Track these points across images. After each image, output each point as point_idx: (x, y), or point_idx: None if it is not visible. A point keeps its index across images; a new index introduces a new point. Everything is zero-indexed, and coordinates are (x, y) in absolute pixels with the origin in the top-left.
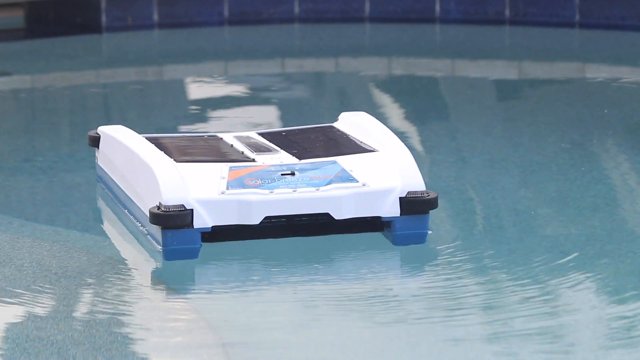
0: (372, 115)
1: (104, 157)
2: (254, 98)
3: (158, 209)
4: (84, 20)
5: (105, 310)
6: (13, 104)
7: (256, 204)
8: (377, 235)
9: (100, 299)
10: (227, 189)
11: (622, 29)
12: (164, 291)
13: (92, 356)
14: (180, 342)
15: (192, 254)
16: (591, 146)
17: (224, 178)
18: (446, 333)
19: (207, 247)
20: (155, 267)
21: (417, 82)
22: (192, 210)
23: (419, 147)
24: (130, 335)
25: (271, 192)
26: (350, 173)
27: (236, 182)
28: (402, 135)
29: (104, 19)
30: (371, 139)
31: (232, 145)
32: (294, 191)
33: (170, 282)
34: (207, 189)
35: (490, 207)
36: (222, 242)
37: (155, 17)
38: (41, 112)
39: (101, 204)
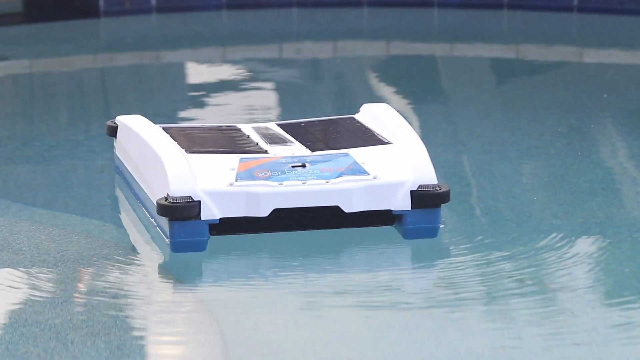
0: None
1: (120, 147)
2: (252, 83)
3: (165, 200)
4: (82, 5)
5: (103, 294)
6: (11, 88)
7: (264, 196)
8: (388, 229)
9: (98, 284)
10: (236, 180)
11: (620, 13)
12: (164, 276)
13: (91, 340)
14: (178, 328)
15: (200, 247)
16: (589, 130)
17: (233, 169)
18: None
19: (215, 239)
20: (155, 251)
21: (415, 66)
22: (199, 201)
23: (417, 131)
24: (128, 320)
25: (280, 184)
26: (362, 165)
27: (245, 174)
28: None
29: (102, 3)
30: (387, 131)
31: (248, 136)
32: (304, 183)
33: (170, 267)
34: (216, 180)
35: (487, 190)
36: (230, 235)
37: (153, 1)
38: (39, 97)
39: (103, 189)
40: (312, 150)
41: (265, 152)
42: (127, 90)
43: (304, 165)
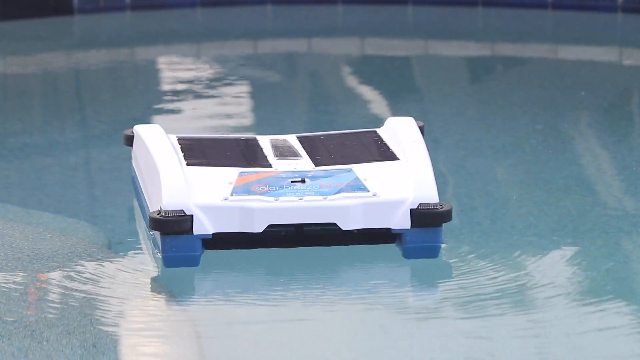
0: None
1: (134, 157)
2: (226, 80)
3: (158, 214)
4: (56, 2)
5: (78, 292)
6: None
7: (259, 212)
8: (389, 248)
9: (73, 282)
10: (231, 195)
11: (594, 10)
12: (140, 275)
13: (66, 338)
14: (154, 326)
15: (192, 262)
16: (563, 127)
17: (230, 183)
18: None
19: (209, 254)
20: (130, 248)
21: (390, 63)
22: (192, 216)
23: None
24: (103, 318)
25: (276, 200)
26: (364, 182)
27: (242, 189)
28: (375, 117)
29: (76, 1)
30: (399, 147)
31: (262, 148)
32: (300, 199)
33: (145, 264)
34: (211, 194)
35: (462, 188)
36: (225, 250)
37: None
38: (13, 95)
39: (77, 187)
40: (317, 165)
41: (269, 166)
42: (102, 88)
43: (303, 181)
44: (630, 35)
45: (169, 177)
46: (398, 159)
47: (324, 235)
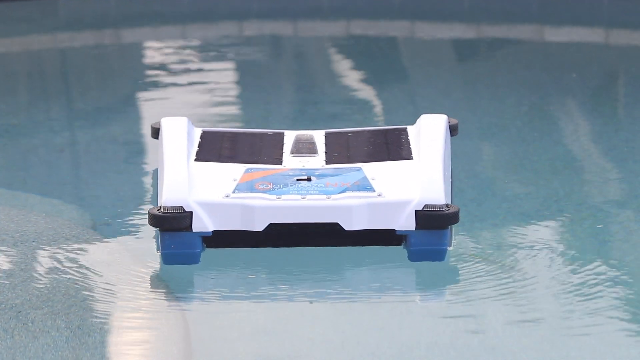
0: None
1: (158, 150)
2: (212, 62)
3: (158, 210)
4: None
5: (63, 274)
6: None
7: (260, 210)
8: (395, 250)
9: (58, 264)
10: (233, 192)
11: None
12: (126, 256)
13: (51, 320)
14: (139, 307)
15: (192, 259)
16: (550, 109)
17: (235, 180)
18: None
19: (210, 252)
20: (115, 230)
21: (376, 44)
22: (191, 212)
23: (378, 109)
24: (89, 300)
25: (278, 198)
26: (371, 182)
27: (246, 186)
28: (361, 99)
29: None
30: (418, 146)
31: (283, 144)
32: (303, 198)
33: (132, 246)
34: (212, 191)
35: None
36: (228, 249)
37: None
38: None
39: (63, 168)
40: (328, 163)
41: (279, 162)
42: (87, 69)
43: (309, 179)
44: (616, 16)
45: (171, 172)
46: (411, 159)
47: (327, 235)
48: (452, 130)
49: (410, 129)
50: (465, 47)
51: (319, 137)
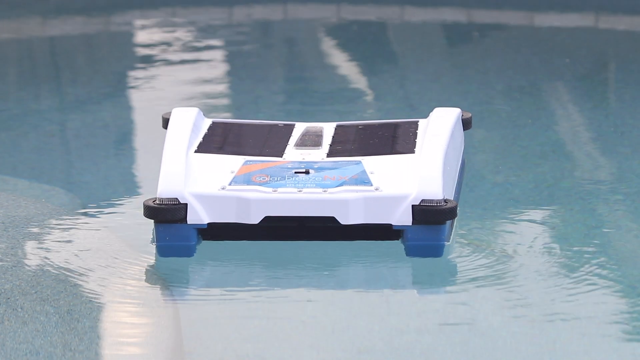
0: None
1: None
2: (202, 46)
3: (153, 202)
4: None
5: (52, 260)
6: None
7: (255, 202)
8: (392, 244)
9: (48, 249)
10: (230, 184)
11: None
12: (116, 241)
13: (40, 306)
14: (129, 292)
15: (187, 252)
16: (539, 93)
17: (232, 172)
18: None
19: (206, 244)
20: (105, 215)
21: (366, 29)
22: (185, 204)
23: (368, 94)
24: (77, 286)
25: (274, 191)
26: (370, 175)
27: (242, 178)
28: (351, 83)
29: None
30: (422, 139)
31: (290, 136)
32: (299, 191)
33: (122, 231)
34: (209, 183)
35: None
36: (224, 241)
37: None
38: None
39: (52, 153)
40: (330, 156)
41: (280, 155)
42: (77, 55)
43: (307, 172)
44: (606, 0)
45: (168, 164)
46: (413, 153)
47: (323, 229)
48: (466, 124)
49: (421, 123)
50: (455, 31)
51: (328, 129)
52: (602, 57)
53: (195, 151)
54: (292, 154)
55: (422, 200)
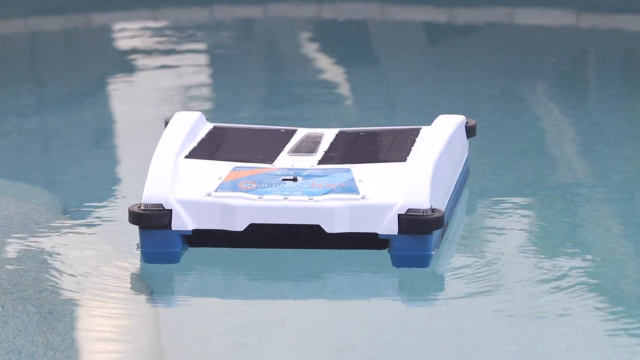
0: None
1: None
2: (183, 45)
3: (138, 207)
4: None
5: (34, 259)
6: None
7: (240, 209)
8: (380, 254)
9: (28, 248)
10: (216, 190)
11: None
12: (96, 241)
13: (21, 305)
14: (110, 292)
15: (172, 258)
16: (520, 92)
17: (220, 178)
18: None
19: (192, 251)
20: (86, 215)
21: (347, 27)
22: (170, 210)
23: (348, 93)
24: (59, 285)
25: (260, 198)
26: (358, 184)
27: (229, 184)
28: (331, 82)
29: None
30: (417, 147)
31: (288, 142)
32: (285, 199)
33: (102, 230)
34: (195, 189)
35: None
36: (211, 248)
37: None
38: None
39: (33, 152)
40: (321, 163)
41: (271, 161)
42: (58, 53)
43: (295, 179)
44: None
45: (155, 169)
46: (405, 161)
47: (309, 237)
48: (470, 131)
49: (423, 130)
50: (437, 30)
51: (329, 135)
52: (582, 56)
53: (186, 157)
54: (284, 160)
55: (409, 210)
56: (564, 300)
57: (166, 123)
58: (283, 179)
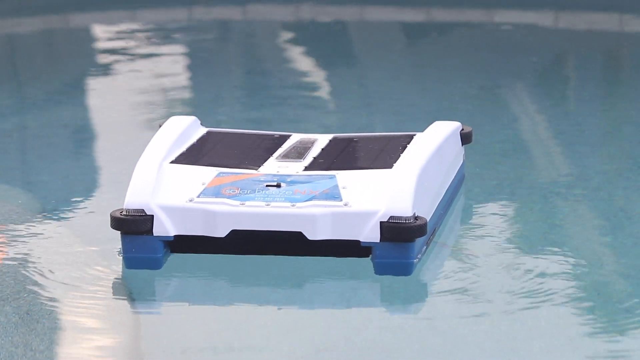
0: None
1: None
2: (162, 46)
3: (120, 213)
4: None
5: (11, 260)
6: None
7: (221, 216)
8: (363, 262)
9: (6, 249)
10: (198, 196)
11: None
12: (74, 240)
13: (0, 306)
14: (89, 291)
15: (154, 264)
16: (499, 92)
17: (203, 184)
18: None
19: (174, 257)
20: (64, 215)
21: (325, 28)
22: (152, 216)
23: (327, 93)
24: (37, 286)
25: (242, 204)
26: (341, 190)
27: (212, 190)
28: (310, 83)
29: None
30: (405, 154)
31: (278, 148)
32: (267, 205)
33: (80, 231)
34: (177, 195)
35: None
36: (194, 254)
37: None
38: None
39: (11, 152)
40: (307, 170)
41: (256, 167)
42: (36, 54)
43: (278, 185)
44: None
45: (138, 174)
46: (391, 168)
47: (292, 244)
48: (465, 138)
49: (417, 136)
50: (415, 30)
51: (322, 141)
52: (561, 56)
53: (172, 162)
54: (270, 166)
55: (391, 217)
56: (543, 299)
57: (159, 127)
58: (267, 185)
